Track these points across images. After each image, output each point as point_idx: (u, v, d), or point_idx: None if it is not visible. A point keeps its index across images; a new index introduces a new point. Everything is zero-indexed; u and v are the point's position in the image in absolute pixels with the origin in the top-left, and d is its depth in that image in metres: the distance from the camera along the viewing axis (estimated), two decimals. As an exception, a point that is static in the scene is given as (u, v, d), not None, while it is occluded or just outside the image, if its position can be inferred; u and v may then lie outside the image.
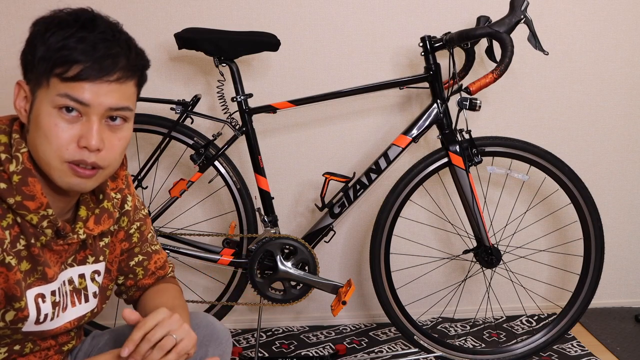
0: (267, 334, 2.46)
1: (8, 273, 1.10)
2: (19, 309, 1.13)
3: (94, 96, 1.07)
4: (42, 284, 1.16)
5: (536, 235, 2.55)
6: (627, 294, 2.67)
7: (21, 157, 1.10)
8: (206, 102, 2.31)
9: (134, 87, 1.15)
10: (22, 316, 1.13)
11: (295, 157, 2.41)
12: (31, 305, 1.14)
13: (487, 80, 1.93)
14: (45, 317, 1.17)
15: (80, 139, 1.08)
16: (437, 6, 2.33)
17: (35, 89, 1.09)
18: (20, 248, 1.12)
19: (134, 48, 1.13)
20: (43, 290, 1.16)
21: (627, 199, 2.59)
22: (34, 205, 1.10)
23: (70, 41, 1.06)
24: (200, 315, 1.35)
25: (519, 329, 2.50)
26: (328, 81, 2.34)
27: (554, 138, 2.49)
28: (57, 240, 1.16)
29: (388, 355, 2.30)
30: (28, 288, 1.14)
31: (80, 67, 1.06)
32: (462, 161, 2.08)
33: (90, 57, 1.06)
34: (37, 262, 1.14)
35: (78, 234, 1.19)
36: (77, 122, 1.08)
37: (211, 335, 1.31)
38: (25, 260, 1.13)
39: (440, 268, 2.54)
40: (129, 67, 1.11)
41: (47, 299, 1.17)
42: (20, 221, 1.11)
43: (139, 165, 2.26)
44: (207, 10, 2.26)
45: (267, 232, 2.11)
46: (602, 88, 2.48)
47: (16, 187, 1.09)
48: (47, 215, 1.12)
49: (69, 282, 1.23)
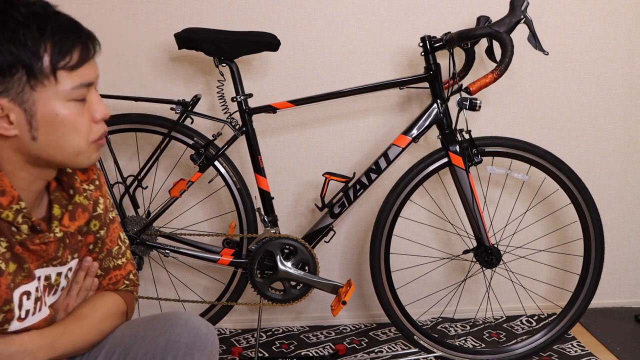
0: (267, 334, 2.46)
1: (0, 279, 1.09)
2: (8, 311, 1.12)
3: (93, 72, 1.13)
4: (29, 281, 1.15)
5: (536, 235, 2.55)
6: (627, 294, 2.67)
7: None
8: (206, 102, 2.31)
9: None
10: (9, 317, 1.13)
11: (295, 157, 2.41)
12: (16, 304, 1.14)
13: (487, 80, 1.93)
14: (27, 313, 1.17)
15: (94, 114, 1.13)
16: (437, 6, 2.33)
17: (24, 94, 1.06)
18: (3, 250, 1.10)
19: None
20: (29, 287, 1.16)
21: (627, 199, 2.59)
22: (6, 201, 1.09)
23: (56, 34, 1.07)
24: (182, 322, 1.27)
25: (519, 329, 2.50)
26: (328, 81, 2.34)
27: (554, 138, 2.49)
28: (33, 239, 1.15)
29: (388, 355, 2.30)
30: (16, 288, 1.13)
31: (78, 50, 1.09)
32: (462, 161, 2.08)
33: (81, 37, 1.10)
34: (22, 261, 1.13)
35: (54, 232, 1.18)
36: (84, 102, 1.13)
37: (194, 343, 1.25)
38: (11, 261, 1.12)
39: (440, 268, 2.54)
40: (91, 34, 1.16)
41: (32, 295, 1.17)
42: None
43: (139, 165, 2.26)
44: (207, 10, 2.26)
45: (267, 232, 2.11)
46: (602, 88, 2.48)
47: None
48: (20, 209, 1.11)
49: (46, 278, 1.22)
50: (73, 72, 1.08)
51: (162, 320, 1.28)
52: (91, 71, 1.12)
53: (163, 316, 1.30)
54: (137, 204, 2.14)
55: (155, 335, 1.25)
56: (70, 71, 1.08)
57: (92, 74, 1.12)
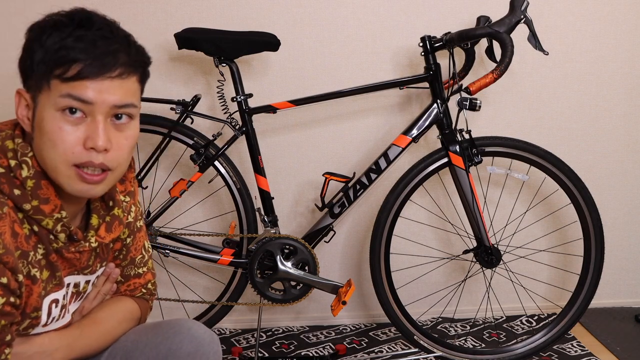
0: (267, 334, 2.46)
1: (33, 286, 1.09)
2: (35, 318, 1.12)
3: (97, 93, 1.04)
4: (59, 289, 1.16)
5: (536, 235, 2.55)
6: (627, 294, 2.67)
7: (30, 161, 1.08)
8: (206, 102, 2.31)
9: (137, 84, 1.12)
10: (35, 323, 1.13)
11: (295, 157, 2.41)
12: (45, 312, 1.14)
13: (487, 80, 1.93)
14: (52, 320, 1.17)
15: (86, 140, 1.05)
16: (437, 6, 2.33)
17: (37, 95, 1.07)
18: (40, 257, 1.10)
19: (133, 44, 1.11)
20: (58, 295, 1.16)
21: (627, 199, 2.59)
22: (49, 209, 1.09)
23: (68, 41, 1.03)
24: (184, 330, 1.26)
25: (519, 329, 2.50)
26: (328, 81, 2.34)
27: (554, 138, 2.49)
28: (69, 247, 1.14)
29: (388, 355, 2.30)
30: (46, 295, 1.13)
31: (80, 65, 1.03)
32: (462, 161, 2.08)
33: (90, 54, 1.03)
34: (55, 269, 1.13)
35: (90, 242, 1.18)
36: (82, 123, 1.05)
37: (196, 352, 1.23)
38: (45, 268, 1.12)
39: (440, 268, 2.54)
40: (130, 63, 1.08)
41: (59, 303, 1.17)
42: (37, 229, 1.09)
43: (139, 165, 2.26)
44: (207, 10, 2.26)
45: (267, 232, 2.11)
46: (602, 88, 2.48)
47: (31, 192, 1.07)
48: (61, 218, 1.10)
49: (75, 285, 1.22)
50: (68, 83, 1.04)
51: (165, 327, 1.28)
52: (97, 91, 1.04)
53: (166, 324, 1.30)
54: (137, 204, 2.14)
55: (157, 342, 1.25)
56: (64, 82, 1.04)
57: (95, 93, 1.04)
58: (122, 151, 1.10)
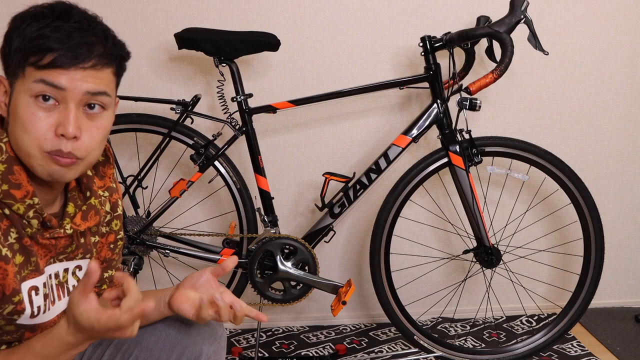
0: (267, 334, 2.46)
1: (6, 267, 1.10)
2: (18, 302, 1.13)
3: (69, 81, 1.07)
4: (36, 275, 1.16)
5: (536, 235, 2.55)
6: (627, 294, 2.67)
7: (4, 146, 1.11)
8: (206, 102, 2.31)
9: (112, 75, 1.13)
10: (20, 309, 1.14)
11: (295, 157, 2.41)
12: (26, 299, 1.14)
13: (487, 80, 1.93)
14: (39, 310, 1.18)
15: (57, 127, 1.07)
16: (437, 6, 2.33)
17: (13, 82, 1.10)
18: (12, 241, 1.12)
19: (111, 38, 1.13)
20: (36, 282, 1.16)
21: (627, 199, 2.59)
22: (20, 194, 1.10)
23: (46, 30, 1.06)
24: None
25: (519, 329, 2.50)
26: (328, 81, 2.34)
27: (554, 138, 2.49)
28: (43, 233, 1.16)
29: (388, 355, 2.30)
30: (23, 281, 1.14)
31: (54, 54, 1.06)
32: (462, 161, 2.08)
33: (65, 44, 1.06)
34: (29, 254, 1.14)
35: (65, 228, 1.19)
36: (55, 110, 1.08)
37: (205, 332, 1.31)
38: (19, 253, 1.13)
39: (440, 268, 2.54)
40: (106, 55, 1.10)
41: (40, 291, 1.17)
42: (8, 213, 1.11)
43: (139, 165, 2.26)
44: (207, 10, 2.26)
45: (267, 232, 2.11)
46: (602, 88, 2.48)
47: (2, 176, 1.09)
48: (32, 204, 1.12)
49: (55, 276, 1.23)
50: (42, 71, 1.06)
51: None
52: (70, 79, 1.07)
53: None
54: (137, 204, 2.14)
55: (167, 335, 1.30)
56: (38, 69, 1.06)
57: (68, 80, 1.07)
58: (93, 141, 1.12)
